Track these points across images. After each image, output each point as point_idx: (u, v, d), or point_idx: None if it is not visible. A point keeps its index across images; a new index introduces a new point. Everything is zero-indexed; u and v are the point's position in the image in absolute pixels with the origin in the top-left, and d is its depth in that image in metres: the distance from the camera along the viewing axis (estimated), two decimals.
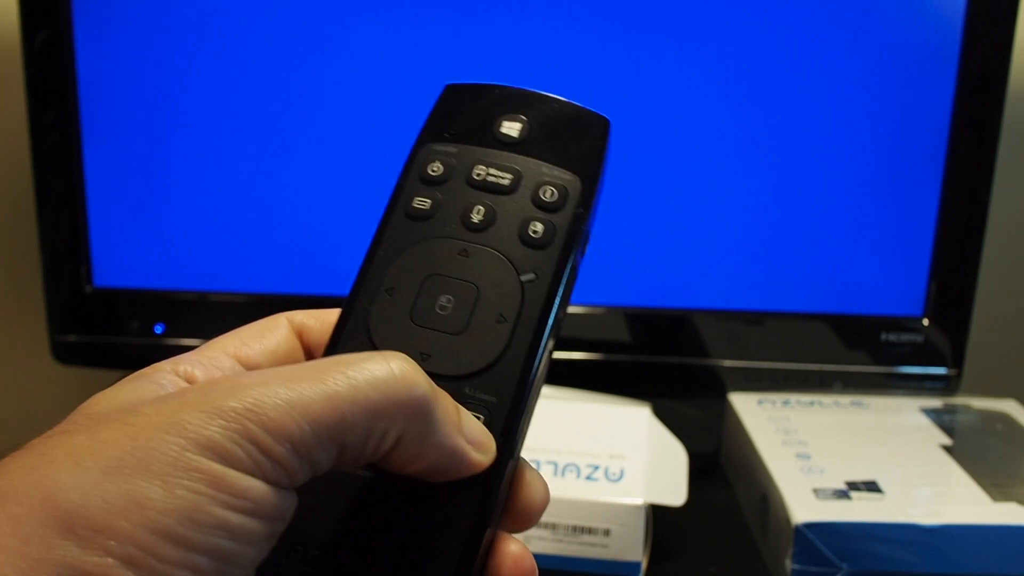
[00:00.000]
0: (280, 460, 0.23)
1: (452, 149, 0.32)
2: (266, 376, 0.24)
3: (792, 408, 0.67)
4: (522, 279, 0.30)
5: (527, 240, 0.30)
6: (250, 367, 0.29)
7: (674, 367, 0.70)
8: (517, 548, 0.28)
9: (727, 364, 0.70)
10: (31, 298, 0.78)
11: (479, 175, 0.31)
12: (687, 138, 0.66)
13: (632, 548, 0.54)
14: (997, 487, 0.56)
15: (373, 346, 0.29)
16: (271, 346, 0.30)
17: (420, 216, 0.31)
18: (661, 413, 0.63)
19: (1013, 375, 0.84)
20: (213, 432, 0.22)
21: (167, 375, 0.27)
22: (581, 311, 0.69)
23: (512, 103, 0.32)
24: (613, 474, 0.55)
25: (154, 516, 0.21)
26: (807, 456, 0.59)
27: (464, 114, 0.33)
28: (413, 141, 0.32)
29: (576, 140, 0.32)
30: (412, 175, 0.32)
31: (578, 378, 0.68)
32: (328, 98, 0.66)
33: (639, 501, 0.54)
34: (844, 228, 0.67)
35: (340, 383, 0.24)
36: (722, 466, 0.69)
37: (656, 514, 0.57)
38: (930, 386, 0.69)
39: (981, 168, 0.65)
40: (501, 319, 0.29)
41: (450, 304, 0.29)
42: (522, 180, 0.31)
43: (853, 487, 0.56)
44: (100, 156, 0.67)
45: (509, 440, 0.28)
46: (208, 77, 0.66)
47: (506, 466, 0.28)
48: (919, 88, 0.65)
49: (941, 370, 0.69)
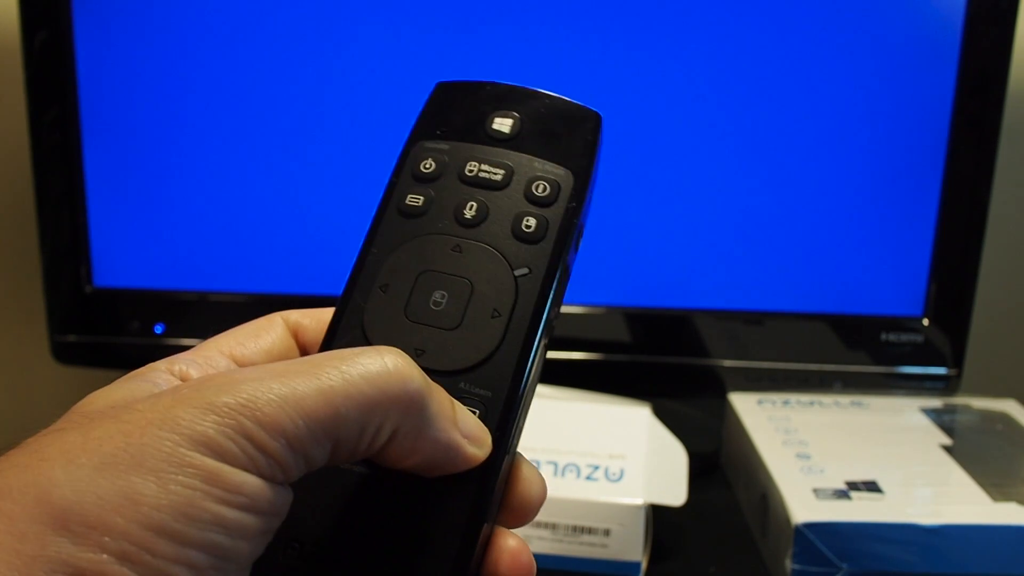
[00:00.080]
0: (274, 455, 0.23)
1: (444, 146, 0.32)
2: (260, 372, 0.24)
3: (792, 408, 0.67)
4: (516, 274, 0.30)
5: (520, 235, 0.30)
6: (246, 366, 0.29)
7: (674, 367, 0.70)
8: (515, 543, 0.28)
9: (727, 364, 0.70)
10: (31, 298, 0.78)
11: (471, 171, 0.31)
12: (687, 138, 0.66)
13: (632, 548, 0.54)
14: (997, 487, 0.56)
15: (368, 342, 0.29)
16: (266, 345, 0.30)
17: (413, 213, 0.31)
18: (661, 413, 0.63)
19: (1013, 375, 0.84)
20: (207, 428, 0.22)
21: (162, 374, 0.27)
22: (581, 311, 0.69)
23: (503, 99, 0.33)
24: (613, 474, 0.55)
25: (149, 512, 0.21)
26: (807, 456, 0.59)
27: (456, 111, 0.33)
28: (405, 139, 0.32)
29: (568, 135, 0.32)
30: (404, 172, 0.32)
31: (578, 378, 0.68)
32: (327, 98, 0.66)
33: (639, 501, 0.54)
34: (844, 228, 0.67)
35: (334, 378, 0.24)
36: (722, 466, 0.69)
37: (656, 514, 0.57)
38: (930, 386, 0.69)
39: (981, 168, 0.65)
40: (495, 314, 0.29)
41: (444, 300, 0.29)
42: (514, 175, 0.31)
43: (853, 487, 0.55)
44: (100, 156, 0.67)
45: (505, 434, 0.28)
46: (207, 77, 0.66)
47: (502, 460, 0.28)
48: (919, 88, 0.65)
49: (941, 370, 0.69)
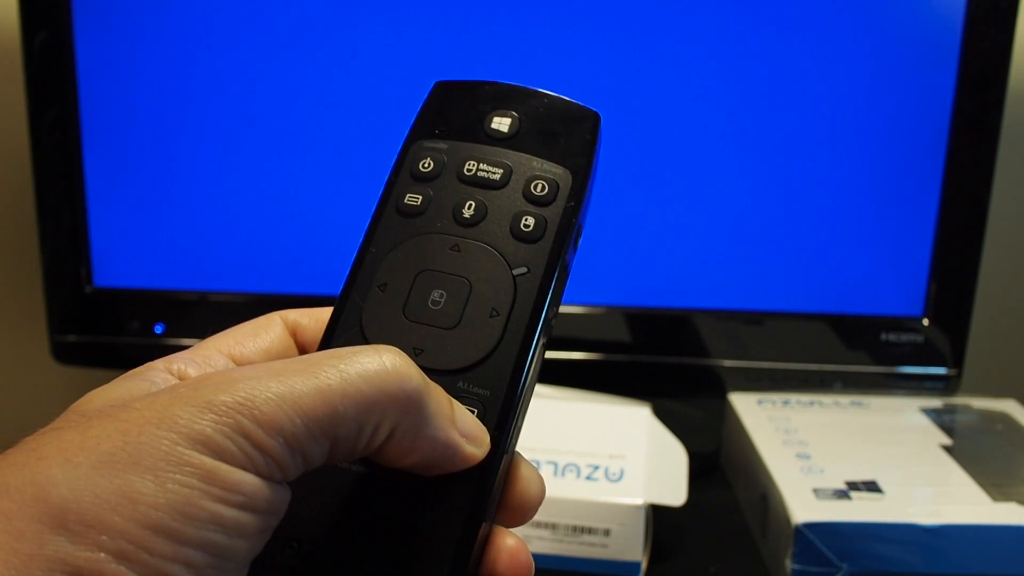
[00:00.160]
0: (272, 454, 0.23)
1: (443, 145, 0.32)
2: (257, 370, 0.24)
3: (792, 408, 0.67)
4: (514, 273, 0.30)
5: (519, 234, 0.30)
6: (244, 365, 0.29)
7: (674, 367, 0.70)
8: (513, 542, 0.28)
9: (727, 364, 0.70)
10: (31, 298, 0.78)
11: (470, 170, 0.31)
12: (687, 138, 0.66)
13: (632, 548, 0.54)
14: (997, 487, 0.56)
15: (366, 341, 0.29)
16: (265, 344, 0.30)
17: (412, 212, 0.31)
18: (661, 413, 0.63)
19: (1013, 375, 0.84)
20: (205, 426, 0.22)
21: (160, 373, 0.27)
22: (581, 311, 0.69)
23: (502, 99, 0.33)
24: (613, 474, 0.55)
25: (146, 511, 0.21)
26: (807, 456, 0.59)
27: (454, 110, 0.33)
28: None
29: (566, 134, 0.32)
30: (403, 172, 0.32)
31: (578, 378, 0.68)
32: (327, 98, 0.66)
33: (639, 501, 0.54)
34: (844, 228, 0.67)
35: (332, 376, 0.24)
36: (722, 466, 0.69)
37: (656, 514, 0.57)
38: (930, 386, 0.69)
39: (981, 168, 0.65)
40: (494, 313, 0.29)
41: (443, 299, 0.29)
42: (513, 175, 0.31)
43: (853, 487, 0.55)
44: (100, 156, 0.67)
45: (503, 433, 0.28)
46: (207, 78, 0.66)
47: (500, 459, 0.28)
48: (919, 88, 0.65)
49: (941, 370, 0.69)
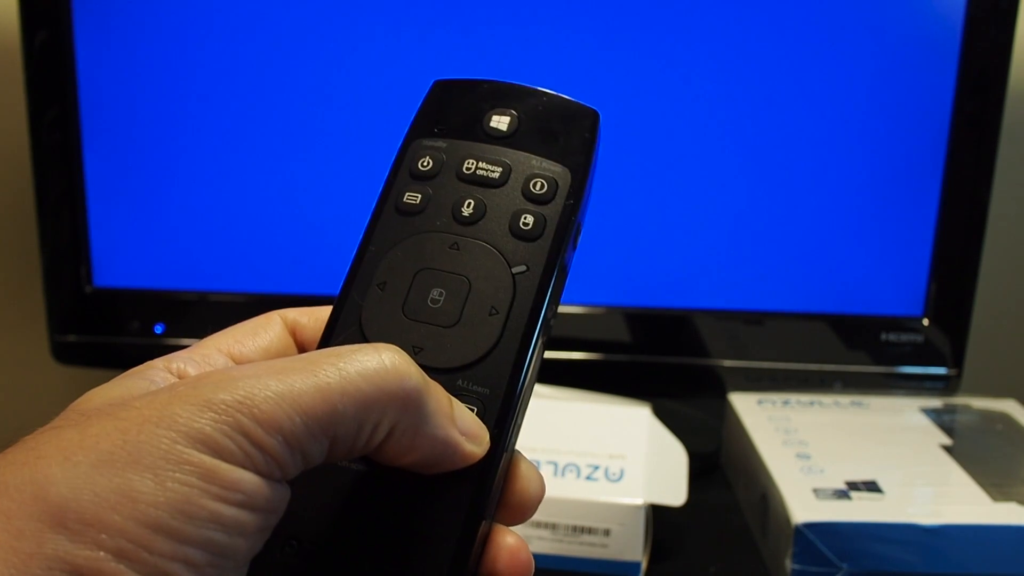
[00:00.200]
0: (271, 452, 0.23)
1: (441, 144, 0.32)
2: (257, 369, 0.24)
3: (792, 408, 0.67)
4: (513, 271, 0.30)
5: (518, 232, 0.30)
6: (243, 364, 0.29)
7: (674, 367, 0.70)
8: (513, 540, 0.28)
9: (727, 364, 0.70)
10: (31, 298, 0.78)
11: (469, 169, 0.31)
12: (687, 138, 0.66)
13: (632, 548, 0.54)
14: (997, 487, 0.56)
15: (365, 340, 0.29)
16: (264, 343, 0.30)
17: (411, 211, 0.31)
18: (661, 413, 0.62)
19: (1013, 375, 0.84)
20: (204, 425, 0.22)
21: (159, 372, 0.27)
22: (581, 311, 0.69)
23: (501, 97, 0.33)
24: (613, 474, 0.55)
25: (145, 509, 0.21)
26: (807, 456, 0.59)
27: (453, 109, 0.33)
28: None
29: (565, 132, 0.32)
30: (402, 170, 0.32)
31: (578, 378, 0.68)
32: (326, 98, 0.66)
33: (639, 501, 0.54)
34: (844, 228, 0.67)
35: (331, 375, 0.24)
36: (722, 466, 0.69)
37: (656, 514, 0.57)
38: (930, 386, 0.69)
39: (981, 168, 0.65)
40: (493, 311, 0.29)
41: (442, 297, 0.29)
42: (512, 173, 0.31)
43: (853, 487, 0.55)
44: (100, 156, 0.67)
45: (503, 432, 0.28)
46: (207, 78, 0.66)
47: (500, 458, 0.28)
48: (919, 88, 0.65)
49: (941, 370, 0.69)
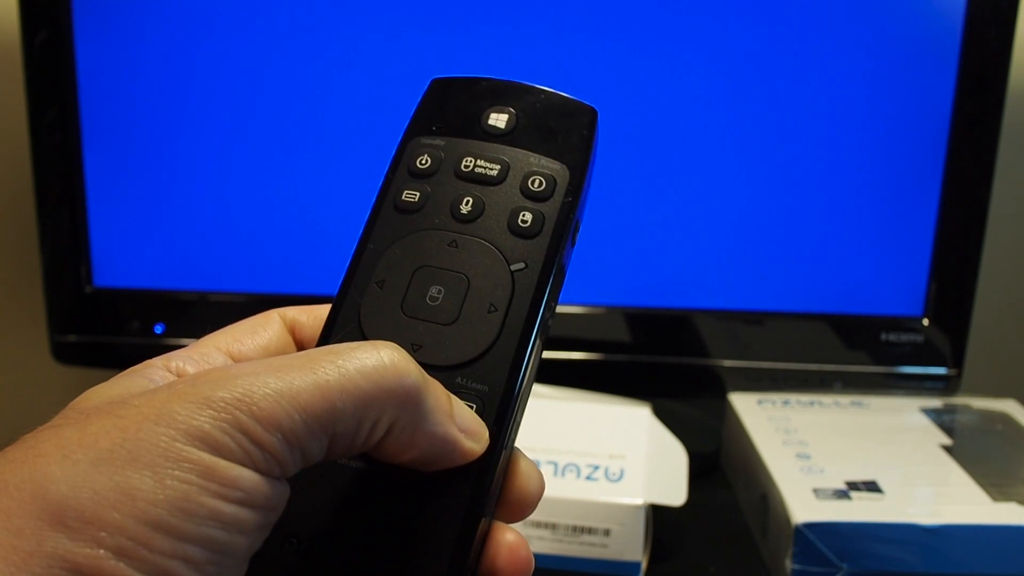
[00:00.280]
0: (271, 450, 0.23)
1: (440, 142, 0.32)
2: (256, 366, 0.24)
3: (792, 408, 0.67)
4: (512, 268, 0.30)
5: (516, 230, 0.30)
6: (242, 362, 0.29)
7: (674, 367, 0.70)
8: (513, 538, 0.28)
9: (727, 364, 0.70)
10: (31, 298, 0.78)
11: (467, 167, 0.31)
12: (687, 137, 0.66)
13: (632, 548, 0.54)
14: (997, 487, 0.56)
15: (364, 338, 0.29)
16: (263, 342, 0.30)
17: (409, 209, 0.31)
18: (661, 413, 0.62)
19: (1013, 375, 0.84)
20: (203, 422, 0.22)
21: (158, 370, 0.27)
22: (581, 311, 0.69)
23: (499, 95, 0.33)
24: (613, 474, 0.55)
25: (145, 507, 0.21)
26: (807, 456, 0.59)
27: (451, 107, 0.33)
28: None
29: (564, 130, 0.32)
30: (400, 168, 0.32)
31: (578, 378, 0.68)
32: (325, 98, 0.66)
33: (639, 501, 0.54)
34: (844, 228, 0.67)
35: (330, 372, 0.24)
36: (722, 466, 0.69)
37: (656, 514, 0.57)
38: (930, 386, 0.69)
39: (981, 168, 0.65)
40: (492, 309, 0.29)
41: (441, 295, 0.29)
42: (510, 171, 0.31)
43: (853, 487, 0.55)
44: (100, 156, 0.67)
45: (502, 429, 0.28)
46: (207, 78, 0.66)
47: (499, 455, 0.28)
48: (919, 88, 0.65)
49: (941, 370, 0.69)
